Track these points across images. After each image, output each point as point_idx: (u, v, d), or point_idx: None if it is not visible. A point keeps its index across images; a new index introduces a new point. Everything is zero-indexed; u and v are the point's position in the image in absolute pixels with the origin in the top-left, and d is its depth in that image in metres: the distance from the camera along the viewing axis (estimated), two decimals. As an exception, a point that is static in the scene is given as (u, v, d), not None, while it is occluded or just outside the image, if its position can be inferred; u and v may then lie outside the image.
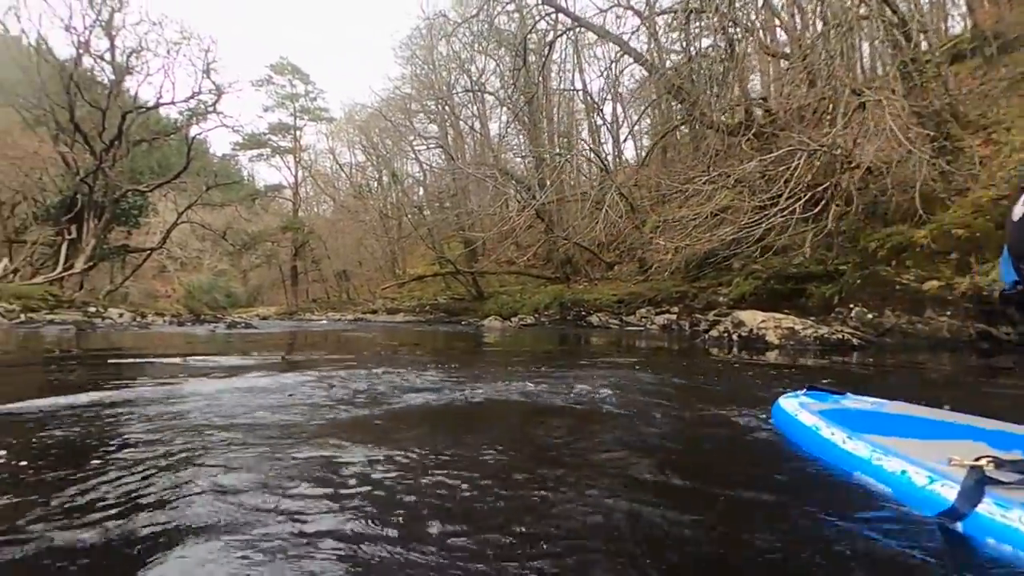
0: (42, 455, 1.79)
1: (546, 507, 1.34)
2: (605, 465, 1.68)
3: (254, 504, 1.34)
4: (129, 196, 17.97)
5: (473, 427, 2.32)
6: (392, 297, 27.42)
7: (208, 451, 1.82)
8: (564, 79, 26.09)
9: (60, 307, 10.76)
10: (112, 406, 2.57)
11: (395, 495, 1.43)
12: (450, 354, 5.97)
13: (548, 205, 17.60)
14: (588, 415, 2.46)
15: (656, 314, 13.10)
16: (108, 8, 16.55)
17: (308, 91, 39.80)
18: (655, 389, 3.17)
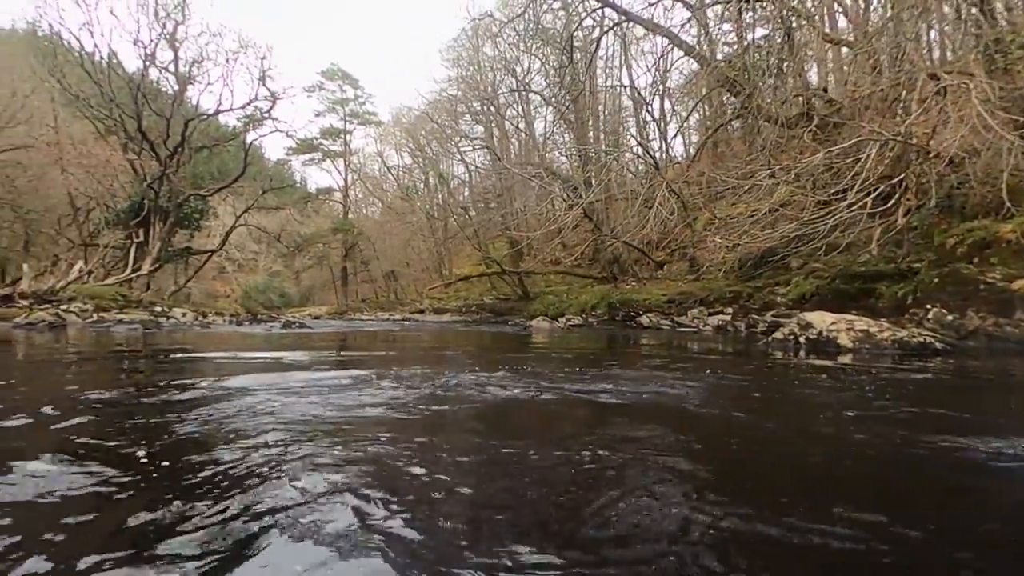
0: (123, 437, 1.92)
1: (626, 512, 1.23)
2: (697, 473, 1.53)
3: (320, 490, 1.37)
4: (191, 200, 18.86)
5: (541, 425, 2.22)
6: (439, 297, 27.70)
7: (281, 441, 1.87)
8: (611, 76, 25.76)
9: (129, 307, 11.36)
10: (180, 398, 2.68)
11: (463, 491, 1.42)
12: (501, 354, 5.89)
13: (595, 204, 17.33)
14: (671, 415, 2.32)
15: (709, 315, 12.65)
16: (172, 21, 17.41)
17: (357, 95, 40.80)
18: (741, 393, 2.98)
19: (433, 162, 32.26)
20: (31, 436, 1.94)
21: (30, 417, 2.16)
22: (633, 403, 2.66)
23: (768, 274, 13.02)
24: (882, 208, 7.47)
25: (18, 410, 2.25)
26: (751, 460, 1.81)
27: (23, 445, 1.80)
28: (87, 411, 2.34)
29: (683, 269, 17.35)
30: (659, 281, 17.26)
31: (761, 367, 4.36)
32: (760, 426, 2.29)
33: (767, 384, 3.52)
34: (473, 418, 2.39)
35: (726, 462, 1.77)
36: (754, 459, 1.82)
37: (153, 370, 4.22)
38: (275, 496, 1.34)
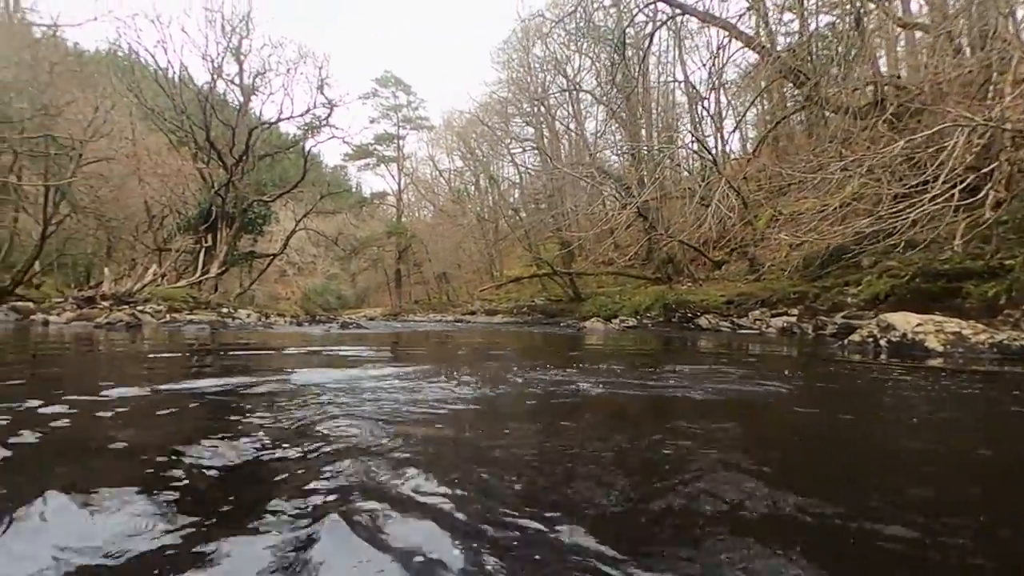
0: (198, 423, 2.11)
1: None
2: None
3: (384, 478, 1.40)
4: (255, 206, 19.73)
5: (613, 420, 2.10)
6: (490, 299, 27.83)
7: (347, 431, 1.92)
8: (664, 72, 25.18)
9: (198, 308, 11.95)
10: (248, 389, 2.83)
11: (536, 487, 1.41)
12: (558, 354, 5.78)
13: (649, 203, 16.93)
14: (757, 417, 2.15)
15: (772, 316, 12.08)
16: (237, 35, 18.25)
17: (410, 101, 41.68)
18: (824, 396, 2.76)
19: (484, 164, 32.49)
20: (128, 419, 2.10)
21: (123, 405, 2.31)
22: (711, 401, 2.49)
23: (836, 273, 12.33)
24: (968, 201, 6.89)
25: (110, 400, 2.38)
26: (860, 472, 1.63)
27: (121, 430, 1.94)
28: (170, 401, 2.48)
29: (742, 269, 16.69)
30: (716, 281, 16.68)
31: (841, 370, 4.06)
32: (860, 433, 2.08)
33: (852, 388, 3.26)
34: (546, 412, 2.30)
35: (834, 476, 1.60)
36: (858, 471, 1.64)
37: (224, 365, 4.36)
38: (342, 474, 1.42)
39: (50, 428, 1.87)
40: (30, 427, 1.82)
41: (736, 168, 16.58)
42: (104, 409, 2.18)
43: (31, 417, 2.00)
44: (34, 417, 2.00)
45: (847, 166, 6.84)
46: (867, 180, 6.91)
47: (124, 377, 3.67)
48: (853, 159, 6.85)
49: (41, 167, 18.48)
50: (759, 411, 2.43)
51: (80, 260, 26.28)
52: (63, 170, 17.90)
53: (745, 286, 14.84)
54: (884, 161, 6.69)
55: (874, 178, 6.90)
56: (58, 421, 1.98)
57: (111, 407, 2.22)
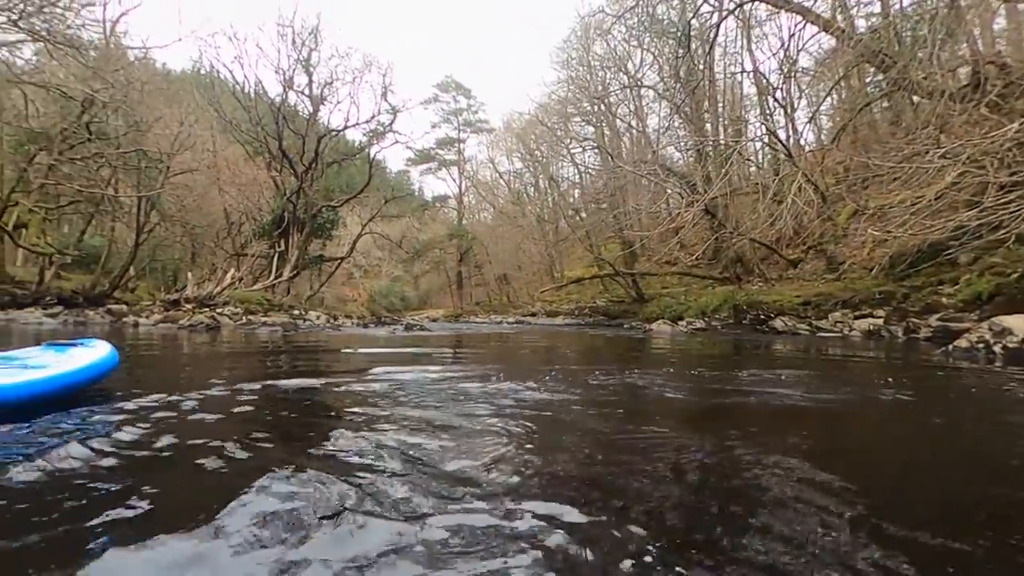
0: (281, 415, 2.38)
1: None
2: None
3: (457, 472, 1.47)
4: (323, 212, 20.50)
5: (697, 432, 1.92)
6: (550, 300, 27.64)
7: (420, 422, 2.06)
8: (731, 63, 24.19)
9: (272, 310, 12.51)
10: (322, 386, 3.11)
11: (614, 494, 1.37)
12: (624, 357, 5.55)
13: (717, 200, 16.24)
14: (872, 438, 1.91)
15: (855, 318, 11.27)
16: (307, 48, 19.03)
17: (470, 105, 42.16)
18: (941, 413, 2.45)
19: (543, 165, 32.33)
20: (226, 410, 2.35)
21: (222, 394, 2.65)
22: (807, 411, 2.25)
23: (928, 272, 11.37)
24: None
25: (210, 396, 2.64)
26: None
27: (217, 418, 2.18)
28: (250, 394, 2.76)
29: (819, 268, 15.70)
30: (790, 281, 15.77)
31: (952, 380, 3.64)
32: (993, 455, 1.79)
33: (970, 399, 2.89)
34: (618, 419, 2.14)
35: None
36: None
37: (298, 362, 4.47)
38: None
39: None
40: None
41: (812, 161, 15.62)
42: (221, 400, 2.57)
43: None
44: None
45: (947, 153, 6.21)
46: (968, 169, 6.24)
47: (220, 375, 3.76)
48: (954, 145, 6.21)
49: (134, 180, 20.00)
50: (871, 425, 2.16)
51: (168, 265, 28.24)
52: (153, 182, 19.26)
53: (823, 286, 13.94)
54: (991, 147, 6.02)
55: (977, 166, 6.23)
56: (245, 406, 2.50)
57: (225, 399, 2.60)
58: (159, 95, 19.07)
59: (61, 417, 2.03)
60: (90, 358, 2.66)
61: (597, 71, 27.60)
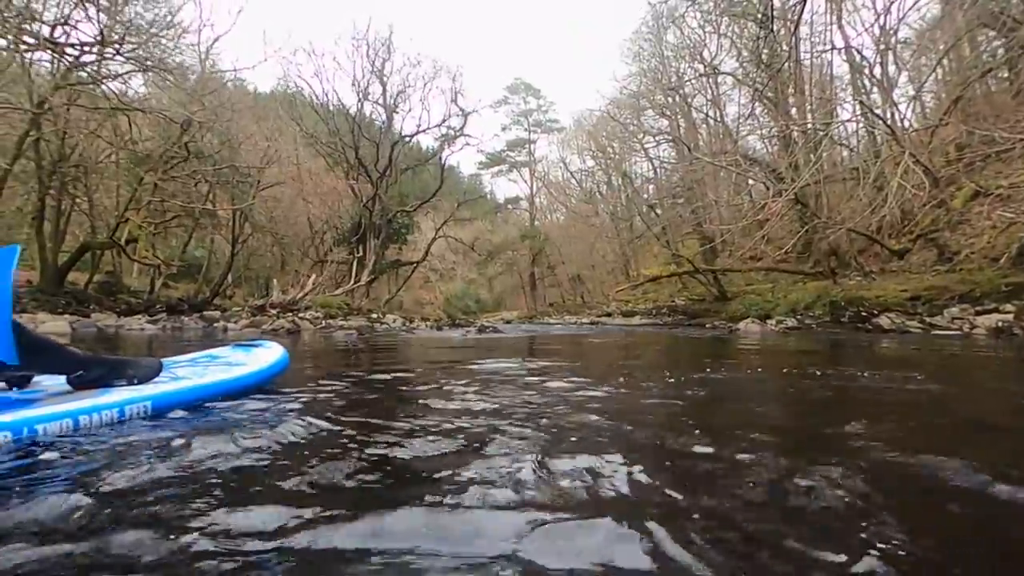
0: (355, 413, 2.47)
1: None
2: None
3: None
4: (398, 217, 21.05)
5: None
6: (626, 300, 26.92)
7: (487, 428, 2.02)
8: (818, 42, 22.52)
9: (352, 314, 12.92)
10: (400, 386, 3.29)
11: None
12: (712, 362, 5.13)
13: (807, 188, 15.09)
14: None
15: (977, 314, 10.01)
16: (380, 59, 19.64)
17: (540, 105, 42.08)
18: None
19: (616, 162, 31.62)
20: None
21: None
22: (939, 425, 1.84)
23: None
24: None
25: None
26: None
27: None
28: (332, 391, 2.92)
29: (928, 259, 14.18)
30: (893, 274, 14.36)
31: None
32: None
33: None
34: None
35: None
36: None
37: (371, 364, 4.48)
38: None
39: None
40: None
41: (918, 140, 14.15)
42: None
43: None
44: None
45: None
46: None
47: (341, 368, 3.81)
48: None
49: (228, 194, 21.49)
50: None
51: (261, 273, 30.15)
52: (245, 196, 20.59)
53: (934, 279, 12.56)
54: None
55: None
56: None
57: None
58: (248, 113, 20.34)
59: (263, 402, 2.54)
60: (273, 357, 3.14)
61: (670, 61, 26.67)
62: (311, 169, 22.11)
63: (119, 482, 1.38)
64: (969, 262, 12.34)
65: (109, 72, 13.22)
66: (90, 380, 2.25)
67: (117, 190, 18.96)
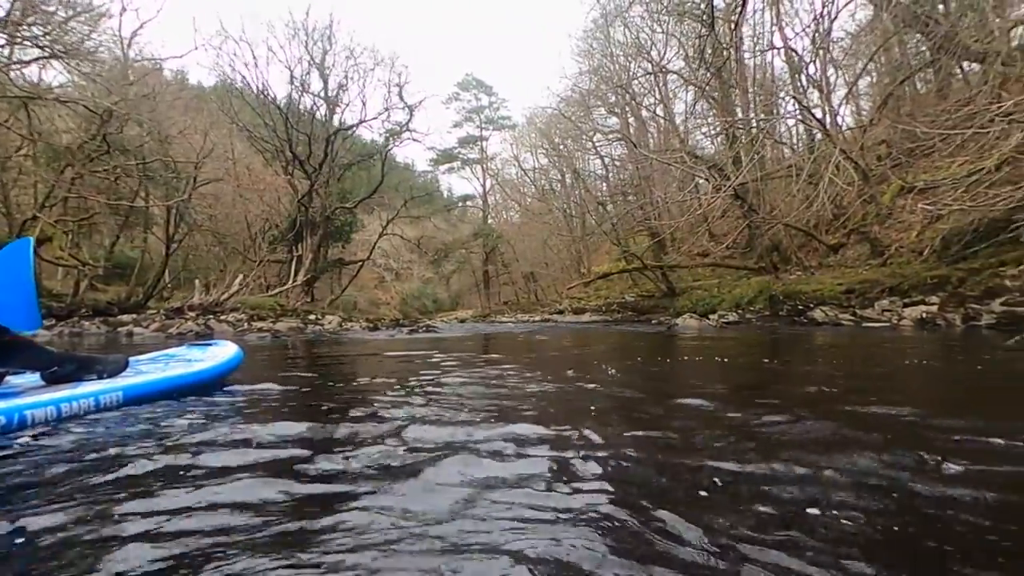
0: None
1: None
2: None
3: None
4: (338, 214, 20.23)
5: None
6: (579, 297, 26.91)
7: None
8: (759, 42, 23.05)
9: (285, 316, 12.31)
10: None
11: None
12: (635, 360, 4.97)
13: (747, 185, 15.33)
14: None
15: (904, 306, 10.32)
16: (321, 50, 18.88)
17: (492, 102, 41.70)
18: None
19: (568, 159, 31.62)
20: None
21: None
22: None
23: (986, 253, 10.32)
24: None
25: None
26: None
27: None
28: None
29: (862, 253, 14.64)
30: (831, 269, 14.76)
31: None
32: None
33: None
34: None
35: None
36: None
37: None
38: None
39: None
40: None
41: (851, 138, 14.57)
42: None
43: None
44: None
45: (1011, 110, 5.38)
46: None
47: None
48: (1022, 97, 5.38)
49: (162, 191, 20.28)
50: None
51: (204, 274, 28.73)
52: (180, 192, 19.48)
53: (868, 272, 12.95)
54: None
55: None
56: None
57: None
58: (181, 106, 19.25)
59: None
60: (228, 354, 3.33)
61: (619, 59, 26.78)
62: (249, 165, 21.10)
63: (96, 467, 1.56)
64: (899, 256, 12.77)
65: (16, 59, 12.17)
66: (63, 376, 2.48)
67: (35, 187, 17.62)
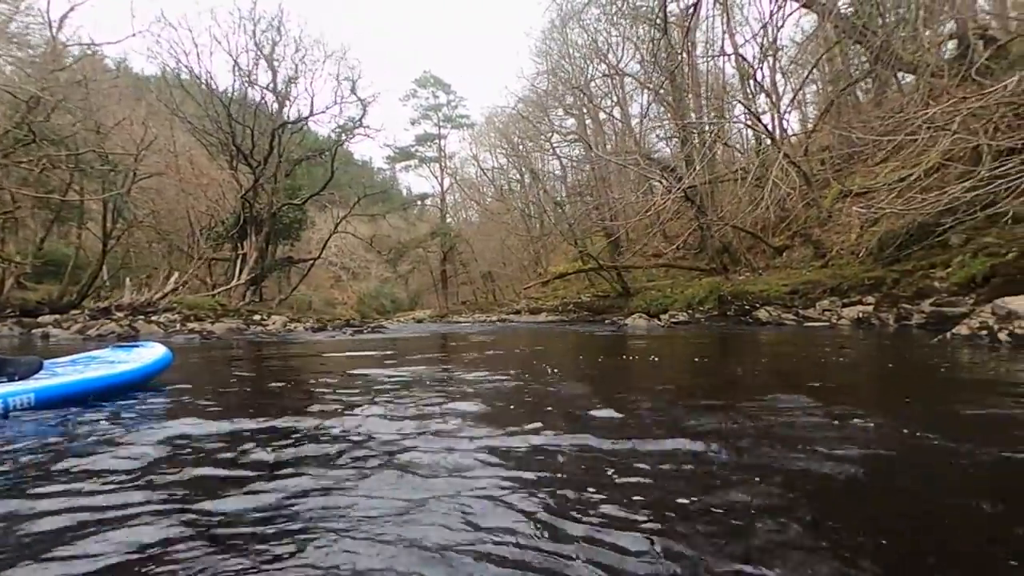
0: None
1: None
2: None
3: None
4: (285, 210, 19.40)
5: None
6: (536, 297, 26.94)
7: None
8: (712, 48, 23.60)
9: (226, 316, 11.75)
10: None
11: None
12: (578, 360, 4.92)
13: (699, 187, 15.64)
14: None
15: (843, 306, 10.70)
16: (270, 41, 18.20)
17: (450, 100, 41.25)
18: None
19: (526, 160, 31.64)
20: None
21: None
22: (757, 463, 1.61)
23: (918, 255, 10.81)
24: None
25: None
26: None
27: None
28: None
29: (807, 255, 15.16)
30: (778, 270, 15.22)
31: (971, 378, 3.02)
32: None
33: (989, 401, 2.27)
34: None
35: None
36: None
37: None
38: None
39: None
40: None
41: (796, 144, 15.06)
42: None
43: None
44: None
45: (935, 119, 5.60)
46: (960, 135, 5.64)
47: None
48: (944, 108, 5.60)
49: (100, 184, 19.14)
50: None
51: (143, 272, 27.30)
52: (118, 186, 18.43)
53: (811, 274, 13.40)
54: (982, 111, 5.42)
55: (969, 132, 5.63)
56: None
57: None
58: (118, 96, 18.24)
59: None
60: (154, 355, 3.22)
61: (577, 61, 26.99)
62: (193, 159, 20.13)
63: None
64: (840, 258, 13.26)
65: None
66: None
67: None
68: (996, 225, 9.38)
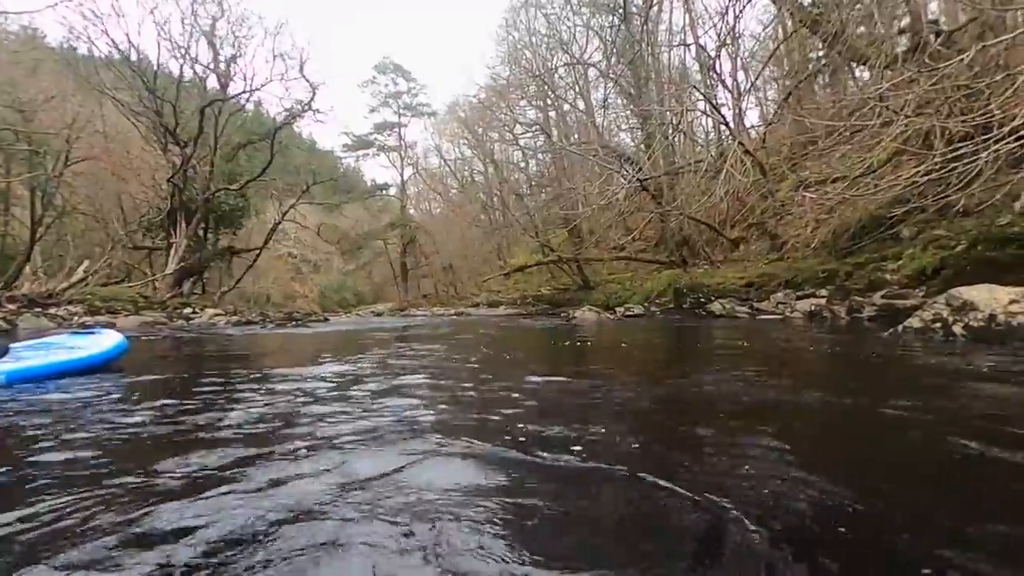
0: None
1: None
2: None
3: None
4: (223, 197, 18.16)
5: None
6: (497, 290, 26.50)
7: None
8: (674, 39, 23.48)
9: (148, 309, 10.85)
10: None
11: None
12: (516, 356, 4.47)
13: (660, 179, 15.41)
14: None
15: (797, 299, 10.58)
16: (211, 17, 17.07)
17: (411, 88, 40.14)
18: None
19: (488, 151, 31.04)
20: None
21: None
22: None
23: (871, 248, 10.77)
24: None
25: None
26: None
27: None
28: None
29: (763, 248, 15.12)
30: (736, 263, 15.14)
31: (922, 374, 2.67)
32: None
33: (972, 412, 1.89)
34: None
35: None
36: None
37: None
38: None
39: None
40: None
41: (755, 136, 14.94)
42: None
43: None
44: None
45: (888, 98, 5.33)
46: (913, 119, 5.39)
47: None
48: (896, 90, 5.33)
49: (26, 167, 17.72)
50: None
51: (79, 260, 25.60)
52: (46, 170, 17.08)
53: (767, 266, 13.32)
54: (935, 94, 5.17)
55: (925, 115, 5.39)
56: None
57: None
58: (43, 72, 16.87)
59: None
60: (110, 342, 3.39)
61: (540, 51, 26.55)
62: (127, 140, 18.75)
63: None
64: (795, 251, 13.21)
65: None
66: None
67: None
68: (946, 218, 9.38)
